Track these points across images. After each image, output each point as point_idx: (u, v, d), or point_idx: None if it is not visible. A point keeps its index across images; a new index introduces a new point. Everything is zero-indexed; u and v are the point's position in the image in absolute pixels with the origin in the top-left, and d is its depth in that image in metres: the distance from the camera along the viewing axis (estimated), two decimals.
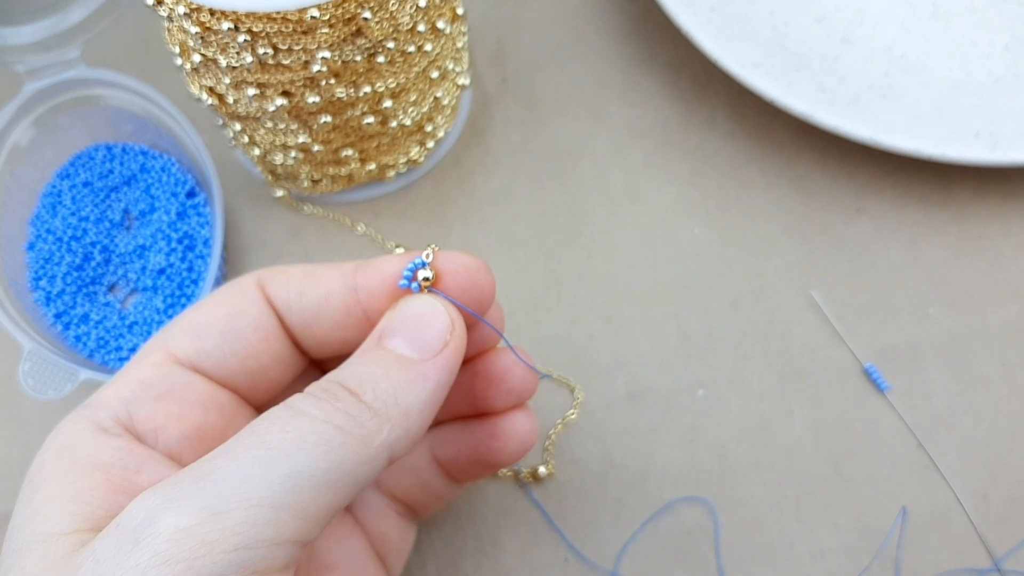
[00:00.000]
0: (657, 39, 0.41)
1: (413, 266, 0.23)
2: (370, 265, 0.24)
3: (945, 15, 0.40)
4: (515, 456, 0.27)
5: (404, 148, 0.36)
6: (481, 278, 0.24)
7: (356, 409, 0.20)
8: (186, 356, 0.24)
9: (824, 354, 0.35)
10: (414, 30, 0.30)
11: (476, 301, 0.24)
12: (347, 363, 0.22)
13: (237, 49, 0.28)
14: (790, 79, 0.36)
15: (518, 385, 0.26)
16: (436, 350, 0.22)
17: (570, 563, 0.32)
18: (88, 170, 0.37)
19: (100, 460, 0.22)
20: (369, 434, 0.20)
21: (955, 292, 0.36)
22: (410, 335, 0.22)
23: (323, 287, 0.24)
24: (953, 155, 0.35)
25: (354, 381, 0.21)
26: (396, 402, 0.21)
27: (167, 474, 0.22)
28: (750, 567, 0.32)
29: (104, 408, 0.23)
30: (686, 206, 0.38)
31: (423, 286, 0.23)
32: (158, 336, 0.24)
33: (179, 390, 0.23)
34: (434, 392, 0.22)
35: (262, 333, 0.24)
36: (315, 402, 0.20)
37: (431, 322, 0.23)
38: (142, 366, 0.24)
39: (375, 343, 0.23)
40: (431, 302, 0.23)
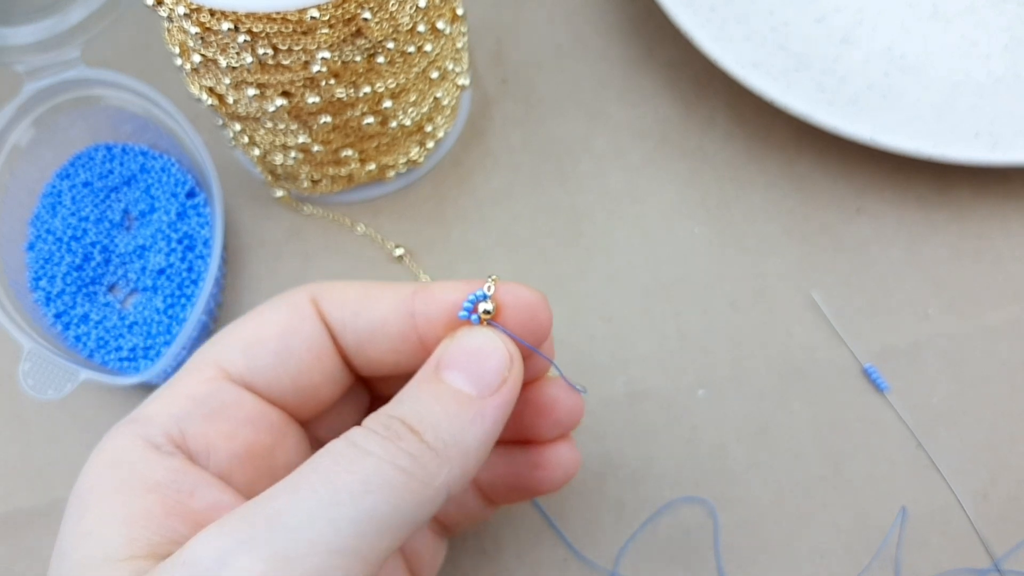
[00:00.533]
0: (657, 39, 0.41)
1: (474, 297, 0.23)
2: (428, 292, 0.24)
3: (945, 15, 0.40)
4: (557, 485, 0.27)
5: (404, 148, 0.36)
6: (540, 312, 0.24)
7: (418, 450, 0.20)
8: (237, 373, 0.23)
9: (824, 354, 0.35)
10: (414, 30, 0.30)
11: (533, 335, 0.24)
12: (405, 395, 0.22)
13: (237, 49, 0.28)
14: (790, 79, 0.36)
15: (565, 416, 0.26)
16: (494, 387, 0.22)
17: (569, 563, 0.32)
18: (88, 170, 0.37)
19: (153, 481, 0.21)
20: (430, 476, 0.20)
21: (955, 292, 0.36)
22: (469, 370, 0.22)
23: (380, 310, 0.24)
24: (953, 155, 0.35)
25: (415, 418, 0.21)
26: (456, 442, 0.21)
27: (220, 498, 0.22)
28: (750, 567, 0.32)
29: (155, 424, 0.22)
30: (686, 206, 0.38)
31: (483, 319, 0.23)
32: (208, 349, 0.24)
33: (231, 408, 0.23)
34: (492, 430, 0.22)
35: (315, 352, 0.24)
36: (379, 441, 0.20)
37: (490, 358, 0.22)
38: (192, 381, 0.23)
39: (432, 374, 0.22)
40: (491, 337, 0.23)
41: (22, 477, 0.34)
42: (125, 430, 0.22)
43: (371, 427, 0.21)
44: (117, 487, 0.21)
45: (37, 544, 0.32)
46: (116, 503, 0.21)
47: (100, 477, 0.21)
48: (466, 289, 0.23)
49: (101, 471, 0.21)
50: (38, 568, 0.32)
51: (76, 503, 0.21)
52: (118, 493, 0.21)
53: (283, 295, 0.24)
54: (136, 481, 0.21)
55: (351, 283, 0.25)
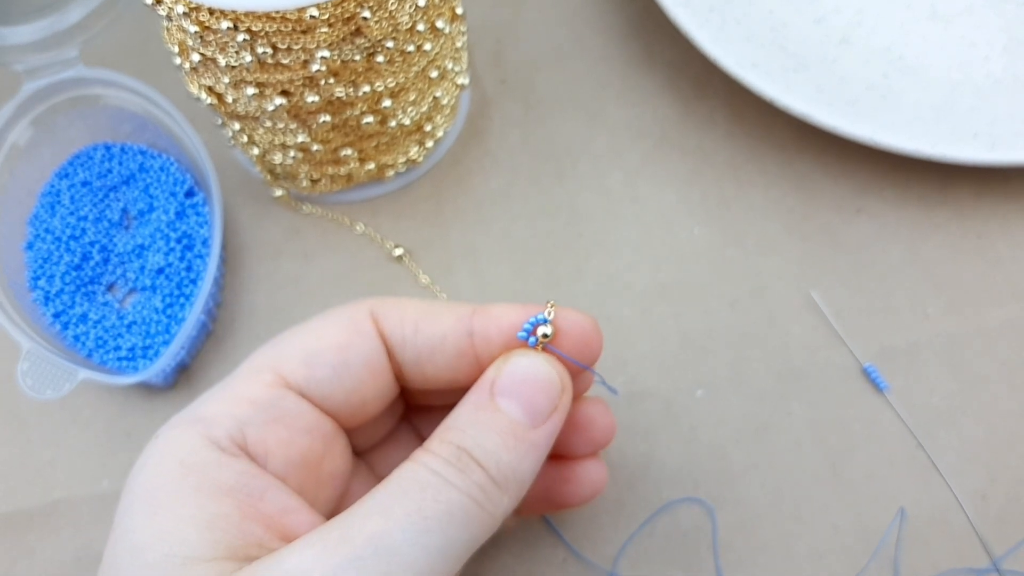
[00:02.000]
0: (656, 39, 0.41)
1: (535, 321, 0.24)
2: (488, 312, 0.24)
3: (944, 16, 0.40)
4: (585, 500, 0.28)
5: (403, 148, 0.36)
6: (593, 338, 0.25)
7: (487, 484, 0.22)
8: (296, 382, 0.24)
9: (823, 354, 0.35)
10: (413, 30, 0.30)
11: (585, 359, 0.25)
12: (464, 421, 0.23)
13: (236, 48, 0.28)
14: (789, 79, 0.36)
15: (600, 435, 0.27)
16: (546, 416, 0.23)
17: (568, 563, 0.32)
18: (87, 170, 0.37)
19: (227, 484, 0.22)
20: (495, 506, 0.22)
21: (954, 292, 0.36)
22: (523, 398, 0.23)
23: (440, 328, 0.24)
24: (952, 155, 0.35)
25: (479, 451, 0.22)
26: (514, 475, 0.22)
27: (287, 502, 0.22)
28: (748, 568, 0.32)
29: (219, 425, 0.23)
30: (685, 206, 0.38)
31: (541, 341, 0.24)
32: (268, 354, 0.24)
33: (290, 416, 0.24)
34: (542, 457, 0.23)
35: (371, 368, 0.25)
36: (455, 473, 0.21)
37: (544, 387, 0.23)
38: (253, 384, 0.24)
39: (488, 398, 0.23)
40: (546, 366, 0.23)
41: (21, 477, 0.34)
42: (188, 428, 0.23)
43: (444, 456, 0.22)
44: (195, 488, 0.21)
45: (37, 544, 0.32)
46: (194, 504, 0.21)
47: (171, 476, 0.22)
48: (525, 312, 0.24)
49: (171, 469, 0.22)
50: (38, 568, 0.32)
51: (145, 499, 0.22)
52: (196, 494, 0.21)
53: (343, 308, 0.25)
54: (210, 483, 0.22)
55: (410, 300, 0.25)
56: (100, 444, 0.34)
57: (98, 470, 0.34)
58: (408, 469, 0.22)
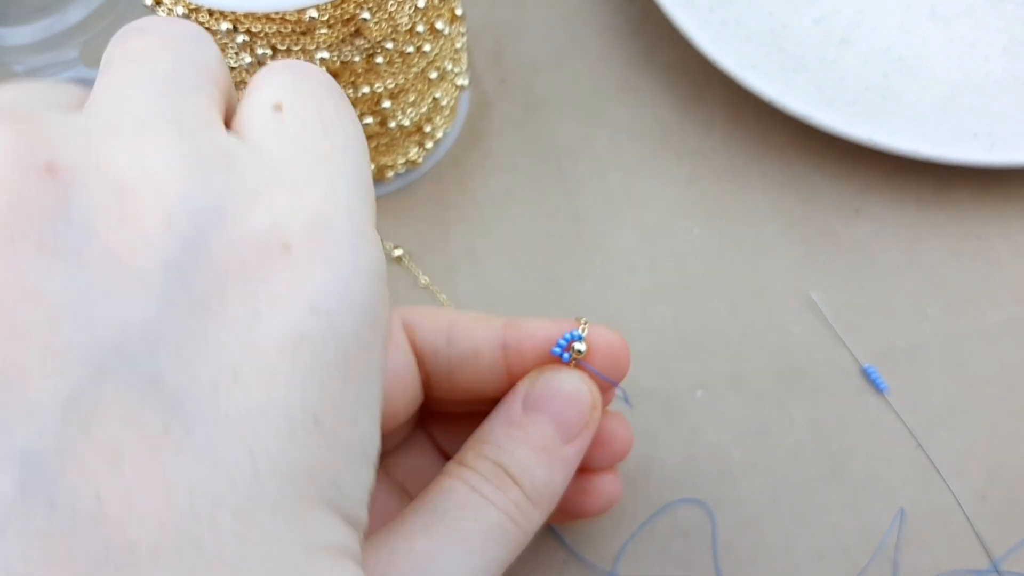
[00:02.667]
0: (656, 40, 0.41)
1: (569, 336, 0.24)
2: (521, 326, 0.25)
3: (943, 17, 0.40)
4: (599, 512, 0.28)
5: (403, 149, 0.36)
6: (623, 356, 0.25)
7: (522, 501, 0.22)
8: None
9: (823, 355, 0.35)
10: (413, 31, 0.30)
11: (614, 376, 0.25)
12: (498, 436, 0.23)
13: (236, 50, 0.28)
14: (789, 80, 0.36)
15: (619, 449, 0.27)
16: (576, 432, 0.23)
17: (568, 564, 0.32)
18: None
19: None
20: (529, 523, 0.22)
21: (954, 293, 0.36)
22: (556, 414, 0.23)
23: (473, 340, 0.24)
24: (952, 156, 0.35)
25: (515, 468, 0.22)
26: (547, 490, 0.23)
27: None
28: (748, 568, 0.32)
29: None
30: (684, 207, 0.38)
31: (574, 357, 0.24)
32: None
33: None
34: (571, 473, 0.24)
35: (401, 381, 0.25)
36: (493, 490, 0.22)
37: (576, 404, 0.23)
38: None
39: (520, 413, 0.23)
40: (578, 382, 0.24)
41: None
42: None
43: (481, 472, 0.22)
44: None
45: None
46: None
47: None
48: (558, 328, 0.25)
49: None
50: None
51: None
52: None
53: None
54: None
55: (440, 310, 0.26)
56: None
57: None
58: (447, 486, 0.22)
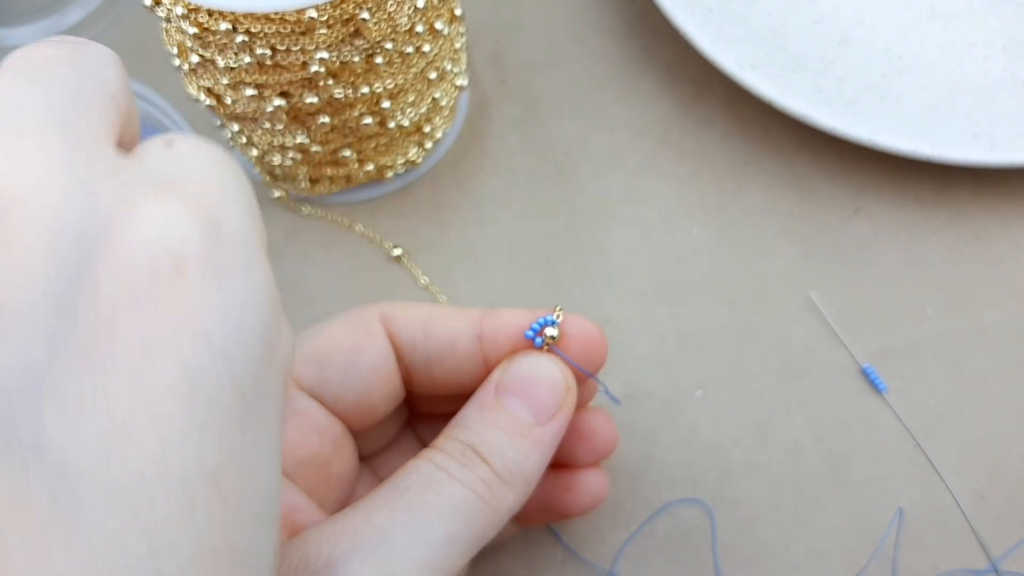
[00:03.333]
0: (655, 40, 0.41)
1: (542, 321, 0.24)
2: (497, 316, 0.25)
3: (943, 16, 0.40)
4: (585, 511, 0.28)
5: (402, 149, 0.36)
6: (599, 346, 0.25)
7: (491, 478, 0.22)
8: (307, 383, 0.24)
9: (822, 355, 0.35)
10: (412, 31, 0.30)
11: (589, 365, 0.25)
12: (470, 419, 0.23)
13: (235, 50, 0.28)
14: (788, 80, 0.36)
15: (603, 445, 0.27)
16: (550, 413, 0.23)
17: (567, 564, 0.32)
18: None
19: None
20: (499, 501, 0.22)
21: (953, 292, 0.36)
22: (528, 397, 0.23)
23: (450, 331, 0.25)
24: (951, 156, 0.35)
25: (484, 447, 0.22)
26: (520, 471, 0.23)
27: (295, 500, 0.23)
28: (747, 568, 0.32)
29: None
30: (684, 207, 0.38)
31: (547, 342, 0.24)
32: None
33: (303, 416, 0.24)
34: (547, 456, 0.23)
35: (381, 371, 0.25)
36: (459, 467, 0.22)
37: (549, 385, 0.24)
38: None
39: (492, 398, 0.23)
40: (548, 364, 0.24)
41: None
42: None
43: (449, 452, 0.22)
44: None
45: None
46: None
47: None
48: (533, 316, 0.25)
49: None
50: None
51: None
52: None
53: (353, 311, 0.25)
54: None
55: (418, 304, 0.26)
56: None
57: None
58: (413, 465, 0.22)
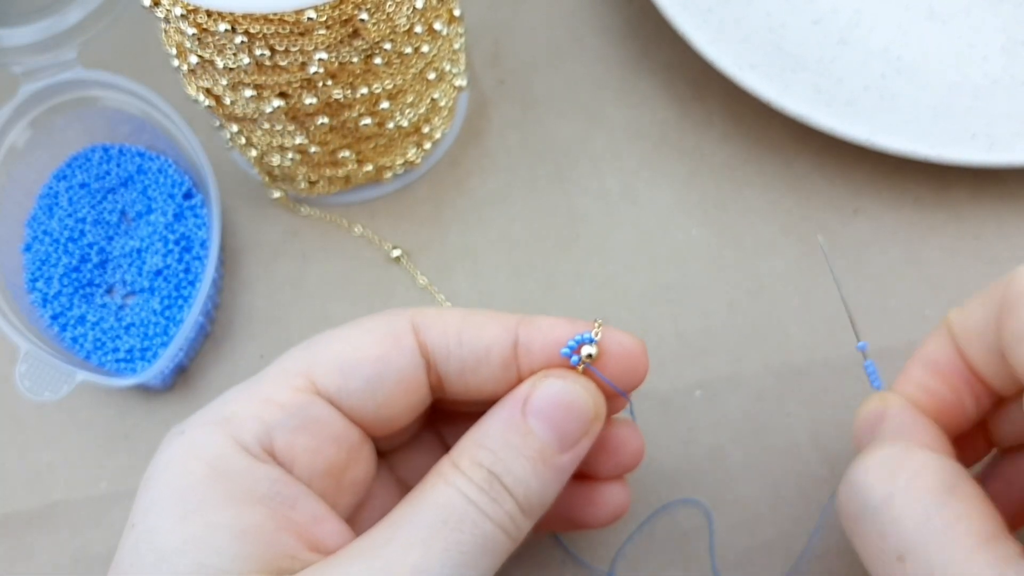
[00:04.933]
0: (654, 41, 0.41)
1: (580, 339, 0.24)
2: (534, 324, 0.24)
3: (941, 17, 0.40)
4: (606, 523, 0.28)
5: (401, 149, 0.36)
6: (639, 365, 0.24)
7: (516, 513, 0.22)
8: (328, 390, 0.23)
9: (821, 355, 0.35)
10: (411, 31, 0.30)
11: (627, 385, 0.24)
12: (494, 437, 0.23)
13: (234, 50, 0.28)
14: (787, 80, 0.36)
15: (629, 460, 0.27)
16: (574, 442, 0.23)
17: (566, 564, 0.32)
18: (85, 171, 0.37)
19: (261, 492, 0.21)
20: (520, 532, 0.22)
21: (952, 293, 0.36)
22: (555, 422, 0.23)
23: (485, 339, 0.24)
24: (950, 156, 0.35)
25: (510, 478, 0.22)
26: (540, 501, 0.23)
27: (317, 510, 0.22)
28: (746, 569, 0.32)
29: (247, 429, 0.22)
30: (683, 207, 0.38)
31: (583, 361, 0.23)
32: (302, 356, 0.24)
33: (319, 424, 0.23)
34: (564, 482, 0.23)
35: (407, 383, 0.24)
36: (488, 502, 0.22)
37: (578, 414, 0.23)
38: (283, 388, 0.23)
39: (520, 417, 0.23)
40: (582, 392, 0.23)
41: (19, 479, 0.34)
42: (217, 431, 0.22)
43: (478, 482, 0.22)
44: (228, 495, 0.21)
45: (36, 545, 0.32)
46: (228, 512, 0.21)
47: (201, 479, 0.21)
48: (572, 328, 0.24)
49: (200, 472, 0.21)
50: (36, 569, 0.32)
51: (174, 500, 0.21)
52: (230, 501, 0.21)
53: (383, 316, 0.24)
54: (245, 490, 0.21)
55: (452, 310, 0.25)
56: (98, 446, 0.34)
57: (96, 472, 0.34)
58: (442, 493, 0.22)
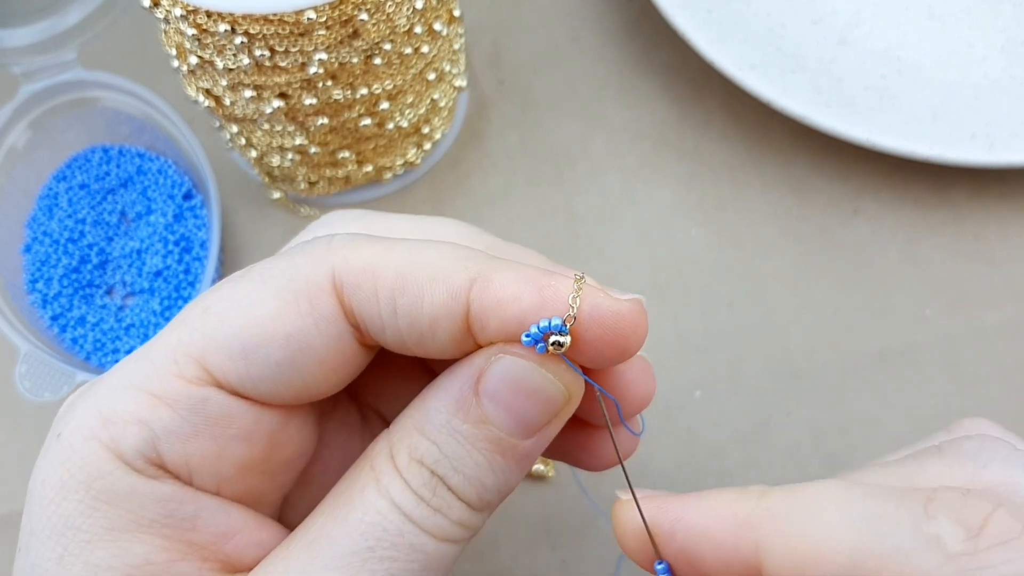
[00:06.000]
0: (654, 41, 0.41)
1: (547, 327, 0.18)
2: (490, 289, 0.18)
3: (941, 17, 0.40)
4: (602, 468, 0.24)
5: (401, 150, 0.36)
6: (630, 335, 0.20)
7: (466, 516, 0.19)
8: (227, 379, 0.19)
9: (821, 355, 0.35)
10: (411, 32, 0.30)
11: (617, 354, 0.20)
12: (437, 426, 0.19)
13: (234, 51, 0.28)
14: (787, 81, 0.36)
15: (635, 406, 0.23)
16: (539, 427, 0.19)
17: (568, 565, 0.32)
18: (84, 172, 0.37)
19: (147, 516, 0.18)
20: (474, 531, 0.20)
21: (952, 293, 0.36)
22: (515, 407, 0.19)
23: (427, 310, 0.19)
24: (949, 157, 0.35)
25: (459, 480, 0.19)
26: (498, 494, 0.19)
27: (226, 524, 0.19)
28: None
29: (128, 436, 0.18)
30: (683, 208, 0.38)
31: (550, 350, 0.18)
32: (194, 329, 0.19)
33: (219, 423, 0.19)
34: (529, 467, 0.20)
35: (329, 363, 0.19)
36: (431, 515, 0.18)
37: (545, 398, 0.19)
38: (173, 381, 0.19)
39: (471, 398, 0.19)
40: (547, 379, 0.19)
41: (19, 479, 0.34)
42: (93, 441, 0.19)
43: (416, 488, 0.18)
44: (108, 526, 0.18)
45: None
46: (109, 549, 0.18)
47: (78, 506, 0.18)
48: (539, 295, 0.18)
49: (77, 497, 0.18)
50: None
51: (51, 534, 0.19)
52: (111, 534, 0.18)
53: (294, 266, 0.19)
54: (128, 518, 0.18)
55: (389, 255, 0.19)
56: None
57: None
58: (372, 505, 0.18)
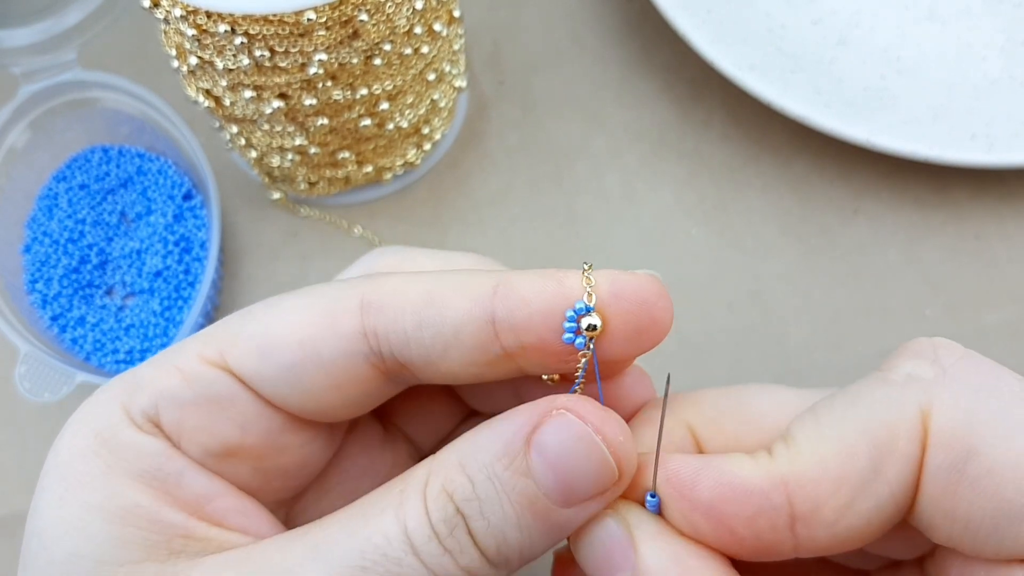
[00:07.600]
0: (654, 42, 0.41)
1: (574, 313, 0.18)
2: (513, 291, 0.19)
3: (941, 18, 0.40)
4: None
5: (401, 150, 0.36)
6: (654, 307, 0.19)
7: (480, 567, 0.18)
8: (241, 371, 0.20)
9: (821, 355, 0.35)
10: (411, 32, 0.30)
11: (649, 341, 0.20)
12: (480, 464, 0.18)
13: (234, 51, 0.28)
14: (787, 81, 0.36)
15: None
16: (581, 500, 0.18)
17: None
18: (84, 172, 0.37)
19: (140, 466, 0.19)
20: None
21: (952, 293, 0.36)
22: (560, 472, 0.18)
23: (451, 319, 0.19)
24: (949, 157, 0.35)
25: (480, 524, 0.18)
26: (519, 555, 0.18)
27: (211, 486, 0.20)
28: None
29: (140, 395, 0.20)
30: (683, 208, 0.38)
31: (589, 336, 0.18)
32: (225, 330, 0.20)
33: (220, 403, 0.20)
34: (560, 539, 0.19)
35: (336, 376, 0.20)
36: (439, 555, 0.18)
37: (597, 470, 0.18)
38: (191, 358, 0.20)
39: (520, 448, 0.18)
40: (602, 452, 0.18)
41: (19, 480, 0.34)
42: (114, 397, 0.20)
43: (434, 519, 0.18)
44: (105, 470, 0.19)
45: None
46: (103, 490, 0.19)
47: (84, 452, 0.19)
48: (559, 289, 0.19)
49: (85, 443, 0.19)
50: None
51: (56, 478, 0.19)
52: (106, 478, 0.19)
53: (331, 288, 0.20)
54: (123, 465, 0.19)
55: (414, 279, 0.20)
56: None
57: None
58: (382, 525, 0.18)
